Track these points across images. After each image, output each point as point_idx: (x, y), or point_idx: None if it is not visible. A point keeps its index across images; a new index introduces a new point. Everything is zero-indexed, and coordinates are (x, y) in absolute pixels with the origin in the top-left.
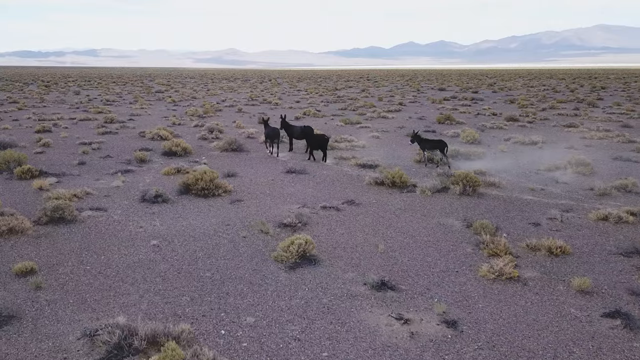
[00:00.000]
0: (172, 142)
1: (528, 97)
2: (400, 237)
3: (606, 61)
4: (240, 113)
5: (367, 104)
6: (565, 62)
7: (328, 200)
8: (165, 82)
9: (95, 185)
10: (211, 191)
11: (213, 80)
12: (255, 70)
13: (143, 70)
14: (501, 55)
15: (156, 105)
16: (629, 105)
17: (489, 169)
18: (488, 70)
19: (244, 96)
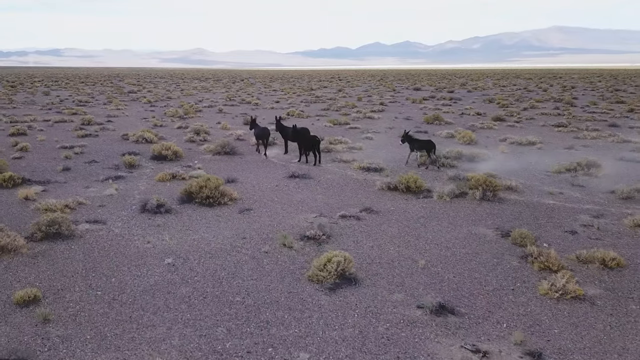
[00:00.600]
0: (162, 146)
1: (505, 96)
2: (434, 249)
3: (564, 61)
4: (221, 114)
5: (348, 104)
6: (526, 63)
7: (344, 208)
8: (136, 82)
9: (86, 193)
10: (216, 199)
11: (184, 80)
12: (224, 70)
13: (109, 70)
14: (464, 56)
15: (132, 106)
16: (604, 104)
17: (498, 171)
18: (454, 70)
19: (220, 96)
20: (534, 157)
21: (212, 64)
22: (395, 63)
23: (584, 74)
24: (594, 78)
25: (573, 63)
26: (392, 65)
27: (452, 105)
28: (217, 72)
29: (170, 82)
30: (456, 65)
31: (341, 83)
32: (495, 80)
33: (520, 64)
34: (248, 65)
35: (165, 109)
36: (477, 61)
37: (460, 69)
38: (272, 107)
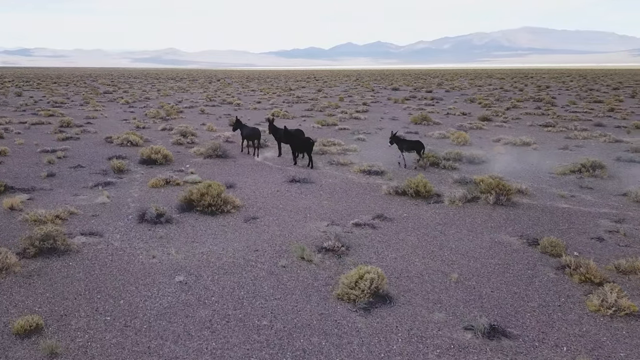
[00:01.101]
0: (151, 149)
1: (485, 96)
2: (461, 260)
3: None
4: (204, 115)
5: (331, 105)
6: (496, 63)
7: (355, 215)
8: (110, 82)
9: (76, 202)
10: (219, 207)
11: (159, 80)
12: (197, 70)
13: (81, 70)
14: (435, 56)
15: (110, 107)
16: (583, 104)
17: (502, 173)
18: (428, 70)
19: (198, 96)
20: (533, 158)
21: (184, 64)
22: (368, 63)
23: (553, 73)
24: (564, 78)
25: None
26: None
27: (435, 105)
28: (190, 72)
29: (145, 83)
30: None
31: (318, 83)
32: (470, 80)
33: (490, 64)
34: (221, 65)
35: (145, 110)
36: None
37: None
38: (254, 107)
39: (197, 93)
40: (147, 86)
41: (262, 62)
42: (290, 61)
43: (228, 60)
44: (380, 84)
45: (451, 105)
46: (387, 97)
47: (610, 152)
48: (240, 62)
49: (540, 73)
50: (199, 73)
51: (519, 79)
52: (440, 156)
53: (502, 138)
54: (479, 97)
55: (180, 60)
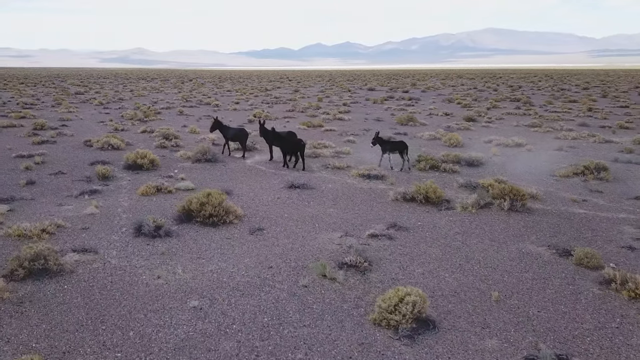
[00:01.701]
0: (136, 154)
1: (462, 96)
2: (494, 274)
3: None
4: (183, 116)
5: (311, 105)
6: (462, 63)
7: (367, 225)
8: (79, 82)
9: (62, 213)
10: (221, 218)
11: (129, 81)
12: (166, 70)
13: (47, 70)
14: (403, 56)
15: (84, 109)
16: (560, 103)
17: (503, 176)
18: (398, 70)
19: (173, 97)
20: (531, 160)
21: (153, 64)
22: (337, 64)
23: (519, 73)
24: (532, 78)
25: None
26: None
27: (415, 105)
28: (160, 71)
29: (116, 83)
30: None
31: (292, 83)
32: (442, 80)
33: (456, 64)
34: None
35: (121, 111)
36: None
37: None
38: (234, 108)
39: (172, 93)
40: (119, 86)
41: (233, 62)
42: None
43: (198, 60)
44: (354, 84)
45: (430, 105)
46: (365, 97)
47: (605, 153)
48: (210, 62)
49: (507, 73)
50: (169, 73)
51: (489, 79)
52: (438, 159)
53: (493, 139)
54: (457, 97)
55: (148, 60)
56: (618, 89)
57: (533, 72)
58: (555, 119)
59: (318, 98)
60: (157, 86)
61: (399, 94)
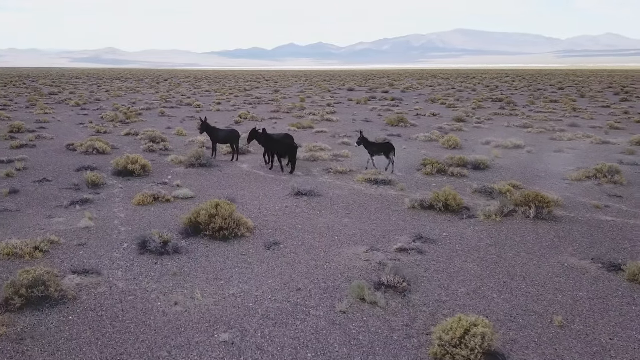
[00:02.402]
0: (127, 159)
1: (443, 97)
2: (546, 293)
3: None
4: (165, 117)
5: (296, 106)
6: (432, 63)
7: (389, 236)
8: (52, 83)
9: (53, 226)
10: (232, 231)
11: (103, 81)
12: (139, 69)
13: (16, 70)
14: (375, 57)
15: (60, 110)
16: (542, 103)
17: (515, 180)
18: (372, 71)
19: (151, 97)
20: (536, 163)
21: (125, 64)
22: (311, 64)
23: (492, 74)
24: (504, 78)
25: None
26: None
27: (399, 106)
28: (133, 71)
29: (90, 83)
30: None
31: (270, 83)
32: (418, 80)
33: (427, 65)
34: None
35: (100, 112)
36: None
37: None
38: (217, 109)
39: (149, 94)
40: (93, 87)
41: (206, 62)
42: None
43: (170, 60)
44: (332, 84)
45: (414, 106)
46: (347, 97)
47: (607, 155)
48: (183, 62)
49: (479, 73)
50: (142, 73)
51: (463, 79)
52: (443, 162)
53: (490, 140)
54: (438, 97)
55: (120, 60)
56: (592, 89)
57: (504, 72)
58: (544, 119)
59: (300, 99)
60: (132, 86)
61: (379, 94)
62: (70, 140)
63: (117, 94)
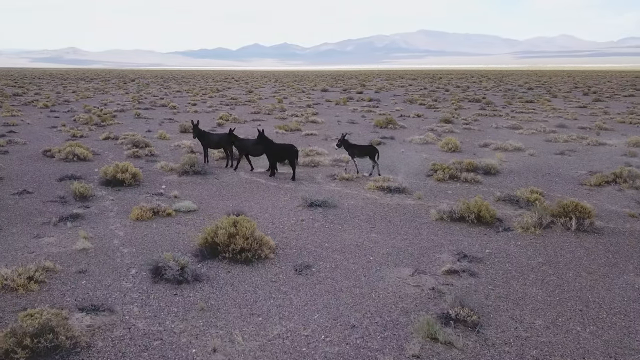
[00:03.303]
0: (115, 167)
1: (420, 97)
2: (634, 324)
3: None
4: (143, 119)
5: (275, 107)
6: (396, 64)
7: (429, 255)
8: (13, 83)
9: (44, 248)
10: (255, 252)
11: (67, 81)
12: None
13: None
14: (339, 57)
15: (29, 112)
16: (519, 104)
17: (530, 185)
18: (339, 71)
19: (123, 98)
20: (544, 167)
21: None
22: (276, 64)
23: (456, 74)
24: (470, 78)
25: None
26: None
27: (379, 107)
28: (97, 72)
29: (54, 84)
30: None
31: (240, 84)
32: (387, 81)
33: (391, 65)
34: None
35: (72, 114)
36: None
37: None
38: (194, 110)
39: (118, 94)
40: (59, 87)
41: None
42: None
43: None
44: (303, 85)
45: (395, 106)
46: (324, 98)
47: (610, 157)
48: (146, 62)
49: (445, 74)
50: (107, 73)
51: (430, 79)
52: (453, 167)
53: (489, 143)
54: (415, 97)
55: (82, 60)
56: (560, 89)
57: (469, 73)
58: (529, 120)
59: (277, 99)
60: (99, 87)
61: (354, 94)
62: (46, 145)
63: (86, 95)
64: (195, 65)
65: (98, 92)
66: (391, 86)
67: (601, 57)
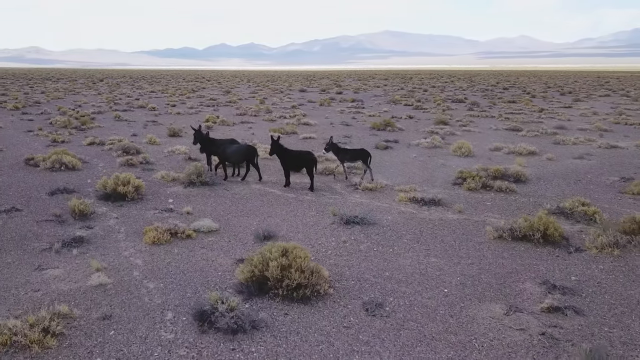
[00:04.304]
0: (116, 179)
1: (402, 97)
2: None
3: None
4: (124, 122)
5: (261, 108)
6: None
7: (510, 285)
8: None
9: (51, 285)
10: (313, 289)
11: (33, 81)
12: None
13: None
14: (306, 57)
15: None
16: (503, 104)
17: (572, 195)
18: (308, 71)
19: (97, 99)
20: (571, 173)
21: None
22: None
23: (424, 74)
24: (440, 78)
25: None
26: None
27: (364, 107)
28: (61, 71)
29: (20, 84)
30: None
31: (214, 83)
32: (360, 81)
33: (356, 65)
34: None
35: (47, 117)
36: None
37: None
38: (176, 112)
39: (90, 95)
40: (25, 88)
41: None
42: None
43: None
44: (278, 84)
45: (377, 107)
46: (305, 99)
47: (630, 161)
48: (111, 62)
49: (415, 74)
50: (71, 73)
51: (400, 79)
52: (483, 175)
53: (500, 147)
54: (397, 98)
55: (45, 60)
56: (535, 89)
57: (436, 73)
58: (525, 121)
59: (259, 100)
60: (68, 87)
61: (334, 95)
62: (27, 153)
63: (57, 96)
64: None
65: (68, 92)
66: (366, 86)
67: (559, 57)
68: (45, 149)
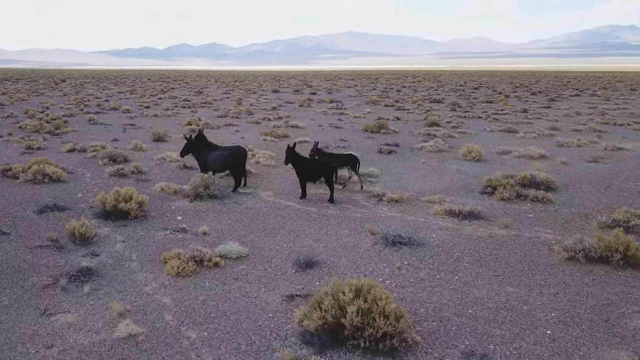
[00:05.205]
0: (116, 195)
1: (379, 98)
2: None
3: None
4: (100, 126)
5: (242, 110)
6: (323, 64)
7: (618, 323)
8: None
9: (64, 335)
10: (400, 337)
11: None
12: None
13: None
14: (268, 58)
15: None
16: (481, 105)
17: (609, 206)
18: (273, 72)
19: (64, 101)
20: (594, 177)
21: (5, 63)
22: (205, 64)
23: (387, 74)
24: (405, 78)
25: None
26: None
27: (345, 108)
28: (19, 71)
29: None
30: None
31: (181, 84)
32: (328, 81)
33: (318, 66)
34: (49, 65)
35: (14, 120)
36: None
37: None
38: (154, 114)
39: (57, 97)
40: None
41: (95, 62)
42: (125, 60)
43: (55, 59)
44: (247, 85)
45: (355, 108)
46: (282, 100)
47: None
48: (70, 62)
49: (379, 74)
50: (29, 73)
51: (367, 79)
52: (512, 182)
53: (509, 150)
54: (375, 98)
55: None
56: (504, 89)
57: (400, 73)
58: (515, 121)
59: (236, 102)
60: (30, 88)
61: (308, 95)
62: (1, 162)
63: (20, 97)
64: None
65: (32, 93)
66: (336, 87)
67: (513, 57)
68: (21, 157)
